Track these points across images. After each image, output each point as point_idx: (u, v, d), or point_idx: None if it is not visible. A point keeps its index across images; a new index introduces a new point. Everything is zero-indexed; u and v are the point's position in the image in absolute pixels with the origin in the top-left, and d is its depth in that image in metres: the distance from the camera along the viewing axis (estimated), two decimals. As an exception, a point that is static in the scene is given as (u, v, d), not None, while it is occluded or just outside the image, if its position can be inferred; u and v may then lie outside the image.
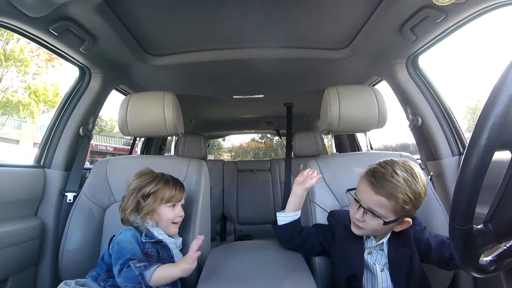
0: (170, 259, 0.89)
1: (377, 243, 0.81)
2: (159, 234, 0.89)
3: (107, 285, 0.83)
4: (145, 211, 0.88)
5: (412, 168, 0.75)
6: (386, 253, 0.80)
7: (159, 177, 0.94)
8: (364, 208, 0.76)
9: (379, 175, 0.74)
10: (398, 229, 0.77)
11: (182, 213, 0.94)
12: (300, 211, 0.95)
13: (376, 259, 0.82)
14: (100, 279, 0.85)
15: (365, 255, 0.82)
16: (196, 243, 0.79)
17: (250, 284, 0.67)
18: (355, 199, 0.80)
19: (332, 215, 0.93)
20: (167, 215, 0.91)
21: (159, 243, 0.89)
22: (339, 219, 0.88)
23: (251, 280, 0.69)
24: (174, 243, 0.92)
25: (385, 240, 0.81)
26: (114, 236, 0.89)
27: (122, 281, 0.78)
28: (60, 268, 1.02)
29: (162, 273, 0.79)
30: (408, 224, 0.75)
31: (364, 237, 0.83)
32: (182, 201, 0.96)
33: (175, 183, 0.96)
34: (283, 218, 0.94)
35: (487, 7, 0.91)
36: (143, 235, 0.87)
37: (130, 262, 0.79)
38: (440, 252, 0.77)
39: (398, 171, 0.73)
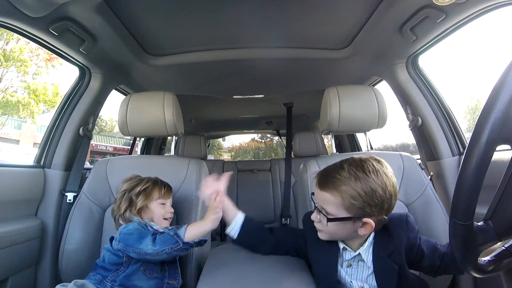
0: None
1: (355, 254, 0.73)
2: (158, 228, 0.92)
3: (115, 286, 0.83)
4: (139, 206, 0.94)
5: (364, 163, 0.68)
6: (370, 265, 0.72)
7: (147, 178, 1.01)
8: (317, 208, 0.72)
9: (325, 172, 0.72)
10: (362, 232, 0.69)
11: (172, 210, 1.00)
12: (239, 214, 0.85)
13: (357, 273, 0.74)
14: (107, 280, 0.84)
15: (343, 269, 0.75)
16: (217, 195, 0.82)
17: (250, 284, 0.67)
18: (312, 200, 0.76)
19: (306, 217, 0.82)
20: (159, 210, 0.97)
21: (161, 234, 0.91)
22: (311, 223, 0.77)
23: (251, 280, 0.69)
24: None
25: (362, 250, 0.73)
26: (113, 237, 0.89)
27: (159, 247, 0.80)
28: (60, 268, 1.02)
29: (194, 228, 0.83)
30: (370, 227, 0.67)
31: (341, 248, 0.76)
32: (170, 201, 1.02)
33: (163, 183, 1.02)
34: (233, 230, 0.84)
35: (487, 7, 0.91)
36: (148, 226, 0.91)
37: (163, 228, 0.87)
38: (431, 259, 0.71)
39: (345, 166, 0.69)
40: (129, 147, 3.01)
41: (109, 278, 0.85)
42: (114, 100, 1.57)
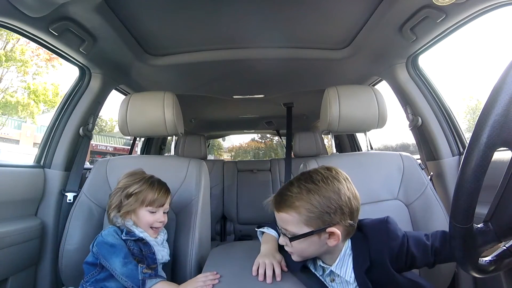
0: (152, 256, 0.88)
1: (327, 272, 0.72)
2: (140, 232, 0.89)
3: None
4: (125, 210, 0.89)
5: (313, 174, 0.68)
6: (352, 281, 0.69)
7: (145, 179, 0.93)
8: (282, 231, 0.70)
9: (279, 193, 0.71)
10: (331, 243, 0.66)
11: (163, 219, 0.93)
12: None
13: None
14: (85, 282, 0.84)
15: (327, 284, 0.73)
16: (214, 277, 0.72)
17: (250, 284, 0.67)
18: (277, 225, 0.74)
19: None
20: (146, 218, 0.90)
21: (141, 240, 0.88)
22: None
23: (250, 281, 0.69)
24: (155, 240, 0.92)
25: (334, 266, 0.70)
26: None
27: (126, 274, 0.79)
28: (60, 268, 1.01)
29: None
30: (337, 236, 0.64)
31: (319, 264, 0.74)
32: (166, 207, 0.94)
33: (160, 187, 0.94)
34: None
35: (487, 7, 0.91)
36: (124, 232, 0.87)
37: (139, 265, 0.81)
38: (424, 258, 0.68)
39: (295, 182, 0.69)
40: (129, 147, 3.01)
41: (87, 285, 0.84)
42: (114, 100, 1.57)
